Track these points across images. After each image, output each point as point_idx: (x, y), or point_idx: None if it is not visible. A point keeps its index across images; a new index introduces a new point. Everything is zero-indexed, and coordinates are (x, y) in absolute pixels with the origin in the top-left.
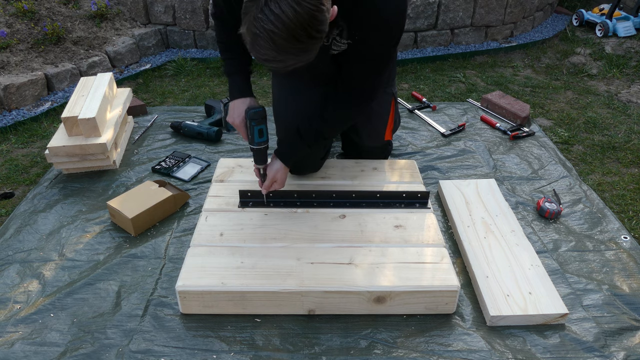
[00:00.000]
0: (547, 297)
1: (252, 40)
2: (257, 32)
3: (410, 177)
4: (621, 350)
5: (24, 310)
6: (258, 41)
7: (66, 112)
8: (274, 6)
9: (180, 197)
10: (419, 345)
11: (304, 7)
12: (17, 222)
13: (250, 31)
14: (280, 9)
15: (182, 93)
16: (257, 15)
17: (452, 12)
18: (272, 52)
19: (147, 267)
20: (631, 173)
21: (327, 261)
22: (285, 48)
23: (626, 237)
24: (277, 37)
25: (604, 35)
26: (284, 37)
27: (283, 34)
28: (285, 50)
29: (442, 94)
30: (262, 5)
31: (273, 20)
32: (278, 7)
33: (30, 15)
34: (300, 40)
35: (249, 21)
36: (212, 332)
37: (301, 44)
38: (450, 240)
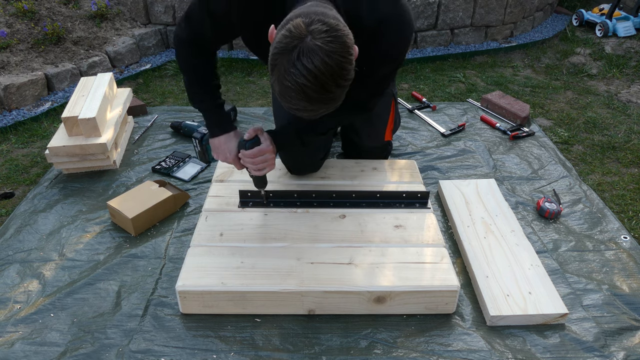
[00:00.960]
0: (547, 297)
1: (282, 92)
2: (289, 85)
3: (410, 177)
4: (621, 350)
5: (24, 310)
6: (289, 93)
7: (66, 112)
8: (307, 61)
9: (180, 197)
10: (419, 345)
11: (334, 60)
12: (17, 222)
13: (282, 84)
14: (312, 64)
15: (182, 93)
16: (289, 69)
17: (452, 12)
18: (303, 103)
19: (147, 267)
20: (631, 173)
21: (327, 261)
22: (316, 99)
23: (626, 237)
24: (309, 90)
25: (603, 35)
26: (315, 90)
27: (315, 87)
28: (316, 100)
29: (442, 94)
30: (294, 60)
31: (305, 75)
32: (310, 62)
33: (30, 15)
34: (330, 91)
35: (280, 74)
36: (212, 332)
37: (331, 94)
38: (450, 240)
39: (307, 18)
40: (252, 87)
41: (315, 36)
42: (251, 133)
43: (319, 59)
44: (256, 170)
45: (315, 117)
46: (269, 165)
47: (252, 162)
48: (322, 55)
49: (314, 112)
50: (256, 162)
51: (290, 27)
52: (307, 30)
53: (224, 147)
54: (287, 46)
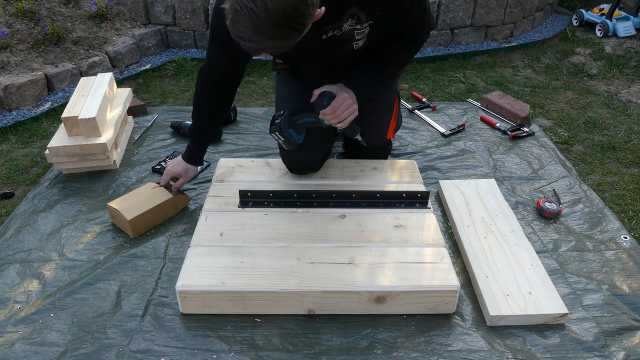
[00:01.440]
0: (547, 297)
1: (232, 16)
2: (239, 8)
3: (410, 177)
4: (621, 350)
5: (24, 310)
6: (238, 18)
7: (66, 112)
8: None
9: (180, 199)
10: (419, 345)
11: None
12: (17, 222)
13: (233, 7)
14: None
15: (182, 93)
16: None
17: (452, 12)
18: (249, 32)
19: (147, 267)
20: (631, 173)
21: (327, 261)
22: (263, 31)
23: (626, 237)
24: (257, 18)
25: (604, 35)
26: (264, 20)
27: (264, 15)
28: (263, 32)
29: (442, 94)
30: None
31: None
32: None
33: (30, 15)
34: (280, 27)
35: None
36: (212, 332)
37: (280, 31)
38: (450, 240)
39: None
40: (252, 87)
41: None
42: (315, 94)
43: None
44: (342, 122)
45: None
46: (353, 112)
47: (335, 116)
48: None
49: (257, 45)
50: (338, 114)
51: None
52: None
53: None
54: None
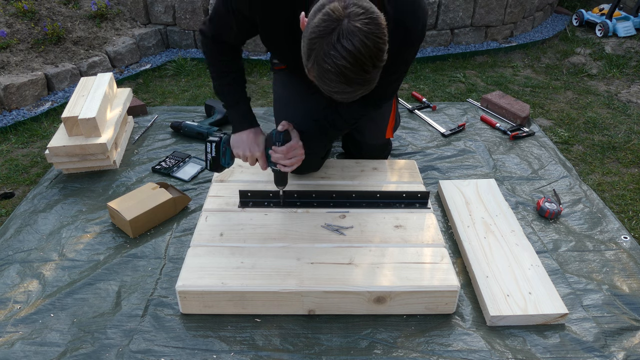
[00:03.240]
0: (547, 297)
1: (321, 75)
2: (328, 67)
3: (410, 177)
4: (621, 350)
5: (24, 310)
6: (329, 76)
7: (66, 112)
8: (347, 43)
9: (180, 200)
10: (419, 345)
11: (372, 41)
12: (17, 222)
13: (320, 66)
14: (352, 45)
15: (182, 93)
16: (329, 52)
17: (452, 12)
18: (342, 85)
19: (147, 267)
20: (631, 173)
21: (327, 261)
22: (354, 80)
23: (626, 237)
24: (348, 72)
25: (604, 35)
26: (354, 71)
27: (354, 67)
28: (354, 81)
29: (442, 94)
30: (334, 42)
31: (346, 56)
32: (350, 43)
33: (30, 15)
34: (368, 71)
35: (319, 57)
36: (212, 332)
37: (368, 75)
38: (450, 240)
39: (343, 2)
40: (252, 87)
41: (353, 18)
42: (284, 125)
43: (358, 40)
44: (286, 166)
45: (352, 99)
46: (298, 161)
47: (284, 158)
48: (361, 37)
49: (351, 94)
50: (288, 156)
51: (327, 10)
52: (344, 13)
53: (252, 141)
54: (326, 29)
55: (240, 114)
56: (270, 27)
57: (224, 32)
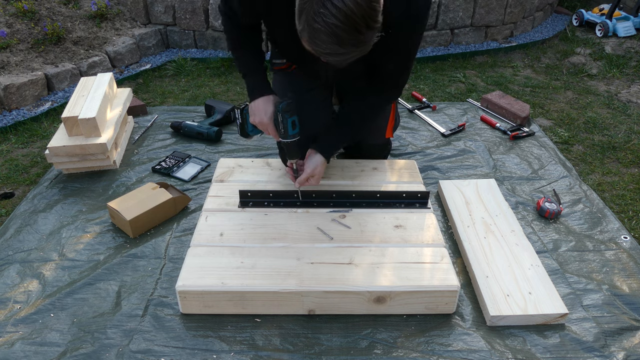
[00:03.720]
0: (547, 297)
1: (312, 35)
2: (318, 26)
3: (410, 177)
4: (621, 350)
5: (24, 310)
6: (320, 36)
7: (66, 112)
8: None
9: (180, 200)
10: (419, 345)
11: None
12: (17, 222)
13: (311, 26)
14: (342, 2)
15: (182, 93)
16: (319, 10)
17: (452, 12)
18: (334, 46)
19: (147, 267)
20: (631, 173)
21: (327, 261)
22: (347, 40)
23: (626, 237)
24: (340, 30)
25: (604, 35)
26: (346, 30)
27: (345, 26)
28: (347, 42)
29: (442, 94)
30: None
31: (336, 14)
32: (341, 1)
33: (30, 15)
34: (361, 32)
35: (309, 16)
36: (212, 332)
37: (361, 35)
38: (450, 240)
39: None
40: None
41: None
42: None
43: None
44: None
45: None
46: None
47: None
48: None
49: (344, 56)
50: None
51: None
52: None
53: (262, 109)
54: None
55: (253, 82)
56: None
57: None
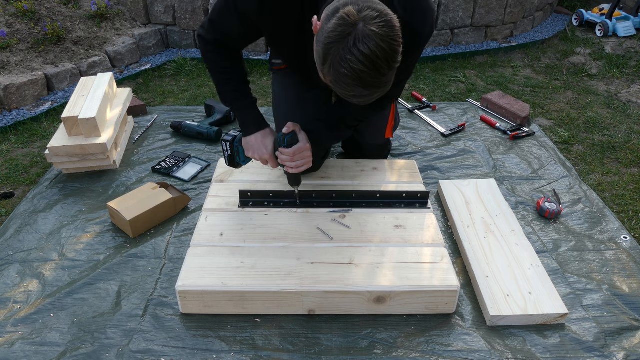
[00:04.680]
0: (547, 297)
1: (337, 79)
2: (345, 72)
3: (410, 177)
4: (621, 350)
5: (24, 310)
6: (345, 80)
7: (66, 112)
8: (363, 47)
9: (180, 200)
10: (419, 345)
11: (388, 43)
12: (17, 222)
13: (337, 71)
14: (369, 49)
15: (182, 93)
16: (346, 56)
17: (452, 12)
18: (358, 89)
19: (147, 267)
20: (631, 173)
21: (327, 261)
22: (371, 83)
23: (626, 237)
24: (365, 75)
25: (604, 35)
26: (371, 75)
27: (371, 71)
28: (370, 84)
29: (442, 94)
30: (350, 47)
31: (362, 60)
32: (367, 47)
33: (30, 15)
34: (384, 74)
35: (335, 62)
36: (212, 332)
37: (384, 77)
38: (450, 240)
39: (357, 5)
40: (252, 88)
41: (369, 22)
42: (290, 127)
43: (374, 44)
44: (294, 168)
45: (368, 102)
46: (307, 163)
47: (291, 160)
48: (377, 40)
49: (368, 98)
50: (295, 159)
51: (342, 14)
52: (359, 17)
53: (260, 144)
54: (341, 34)
55: (248, 117)
56: (279, 30)
57: (225, 38)
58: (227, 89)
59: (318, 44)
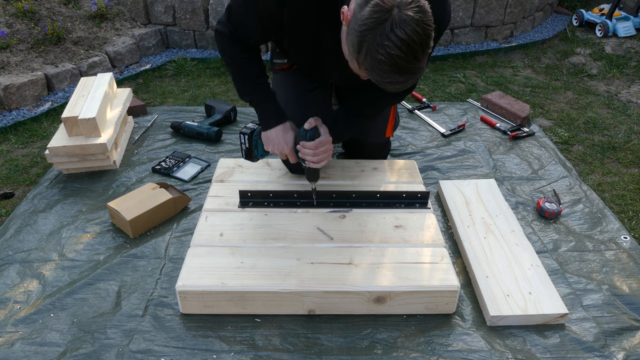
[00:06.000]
0: (547, 297)
1: (373, 67)
2: (382, 58)
3: (410, 177)
4: (621, 350)
5: (24, 310)
6: (382, 67)
7: (66, 112)
8: (400, 32)
9: (180, 200)
10: (419, 345)
11: (422, 28)
12: (17, 222)
13: (374, 58)
14: (406, 34)
15: (182, 93)
16: (383, 42)
17: (452, 12)
18: (394, 76)
19: (147, 267)
20: (631, 173)
21: (327, 261)
22: (407, 68)
23: (626, 237)
24: (401, 61)
25: (604, 35)
26: (407, 60)
27: (407, 57)
28: (406, 70)
29: (442, 94)
30: (387, 32)
31: (400, 46)
32: (404, 32)
33: (30, 15)
34: (419, 59)
35: (372, 48)
36: (212, 332)
37: (420, 63)
38: (450, 240)
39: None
40: None
41: (403, 8)
42: (311, 123)
43: (411, 29)
44: (315, 162)
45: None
46: (328, 157)
47: (313, 154)
48: (413, 25)
49: (403, 84)
50: (317, 153)
51: (377, 1)
52: (394, 3)
53: (281, 138)
54: (377, 20)
55: (267, 111)
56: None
57: (243, 32)
58: (245, 83)
59: (351, 33)
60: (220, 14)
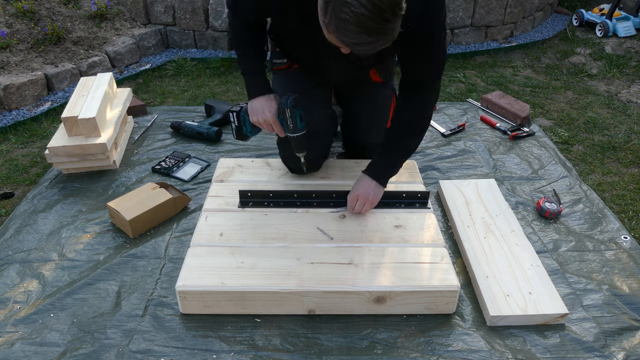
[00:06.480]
0: (547, 297)
1: (339, 26)
2: (346, 17)
3: (410, 177)
4: (621, 350)
5: (24, 310)
6: (347, 26)
7: (66, 112)
8: None
9: (180, 200)
10: (419, 345)
11: None
12: (17, 222)
13: (339, 17)
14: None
15: (182, 93)
16: (346, 1)
17: (452, 12)
18: (361, 35)
19: (147, 267)
20: (631, 173)
21: (327, 261)
22: (374, 28)
23: (626, 237)
24: (367, 19)
25: (604, 35)
26: (374, 19)
27: (373, 15)
28: (374, 30)
29: (442, 93)
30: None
31: (364, 3)
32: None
33: (30, 15)
34: (388, 20)
35: (336, 8)
36: (212, 332)
37: (388, 23)
38: (450, 240)
39: None
40: None
41: None
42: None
43: None
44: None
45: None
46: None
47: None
48: None
49: (372, 45)
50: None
51: None
52: None
53: (265, 106)
54: None
55: (254, 82)
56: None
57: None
58: (241, 52)
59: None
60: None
